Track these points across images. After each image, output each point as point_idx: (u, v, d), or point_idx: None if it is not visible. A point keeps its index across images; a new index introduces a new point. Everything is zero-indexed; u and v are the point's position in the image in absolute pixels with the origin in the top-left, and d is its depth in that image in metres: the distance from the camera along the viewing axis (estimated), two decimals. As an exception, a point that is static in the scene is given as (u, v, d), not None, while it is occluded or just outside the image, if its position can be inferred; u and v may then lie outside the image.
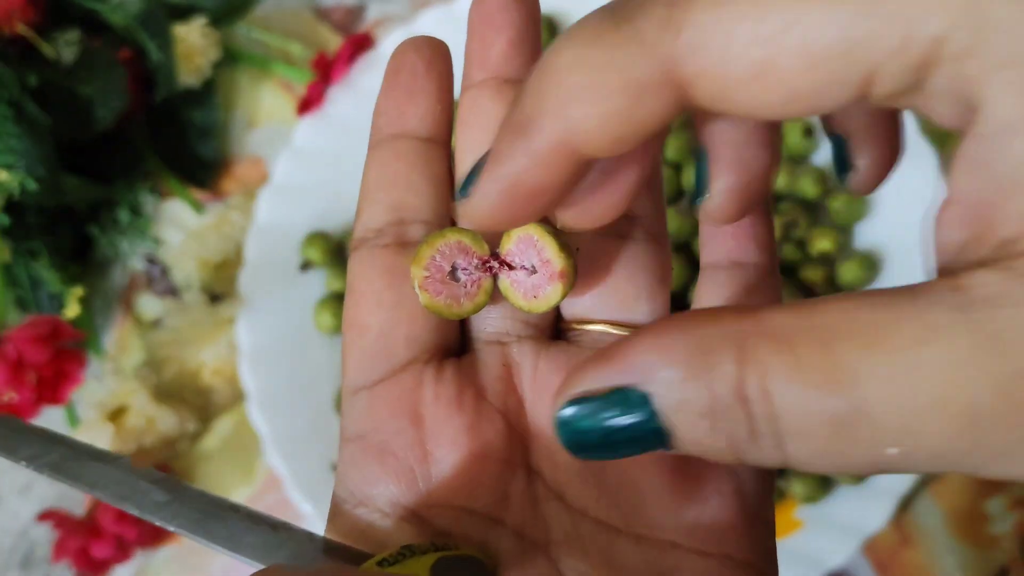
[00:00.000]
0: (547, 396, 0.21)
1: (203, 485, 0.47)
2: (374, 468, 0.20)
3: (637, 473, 0.20)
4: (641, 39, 0.15)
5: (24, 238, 0.49)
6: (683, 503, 0.20)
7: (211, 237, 0.48)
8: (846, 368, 0.14)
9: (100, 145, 0.53)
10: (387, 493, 0.20)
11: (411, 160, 0.23)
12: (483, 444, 0.20)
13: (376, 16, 0.57)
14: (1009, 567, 0.41)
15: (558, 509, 0.20)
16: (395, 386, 0.21)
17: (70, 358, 0.43)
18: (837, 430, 0.14)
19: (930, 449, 0.14)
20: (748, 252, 0.21)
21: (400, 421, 0.20)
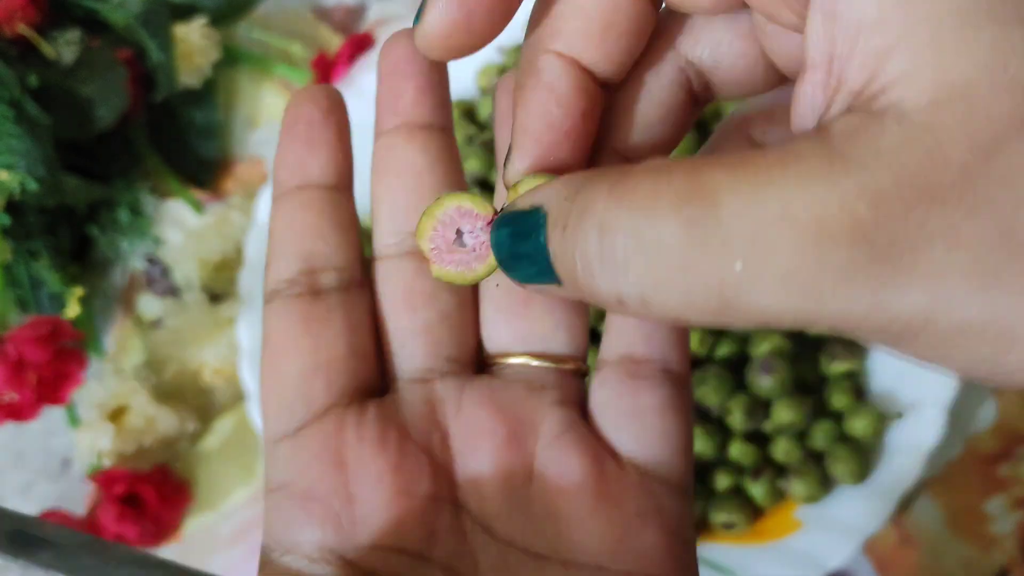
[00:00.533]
0: (472, 431, 0.21)
1: (203, 484, 0.47)
2: (298, 515, 0.21)
3: (562, 500, 0.20)
4: None
5: (24, 238, 0.49)
6: (607, 527, 0.20)
7: (211, 237, 0.48)
8: (706, 185, 0.14)
9: (100, 145, 0.53)
10: (313, 538, 0.20)
11: (317, 209, 0.23)
12: (408, 483, 0.21)
13: (377, 16, 0.58)
14: (1009, 567, 0.41)
15: (485, 541, 0.21)
16: (316, 432, 0.21)
17: (70, 358, 0.43)
18: (688, 241, 0.14)
19: (776, 267, 0.14)
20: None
21: (323, 466, 0.21)
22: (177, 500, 0.45)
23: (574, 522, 0.20)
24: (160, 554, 0.46)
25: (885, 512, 0.39)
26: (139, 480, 0.43)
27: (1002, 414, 0.44)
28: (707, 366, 0.41)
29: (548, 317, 0.22)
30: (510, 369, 0.22)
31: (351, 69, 0.50)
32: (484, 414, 0.21)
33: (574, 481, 0.20)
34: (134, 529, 0.43)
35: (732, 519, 0.40)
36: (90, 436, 0.44)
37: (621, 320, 0.22)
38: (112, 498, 0.42)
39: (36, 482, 0.49)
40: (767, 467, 0.41)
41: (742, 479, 0.41)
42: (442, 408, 0.22)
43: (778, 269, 0.14)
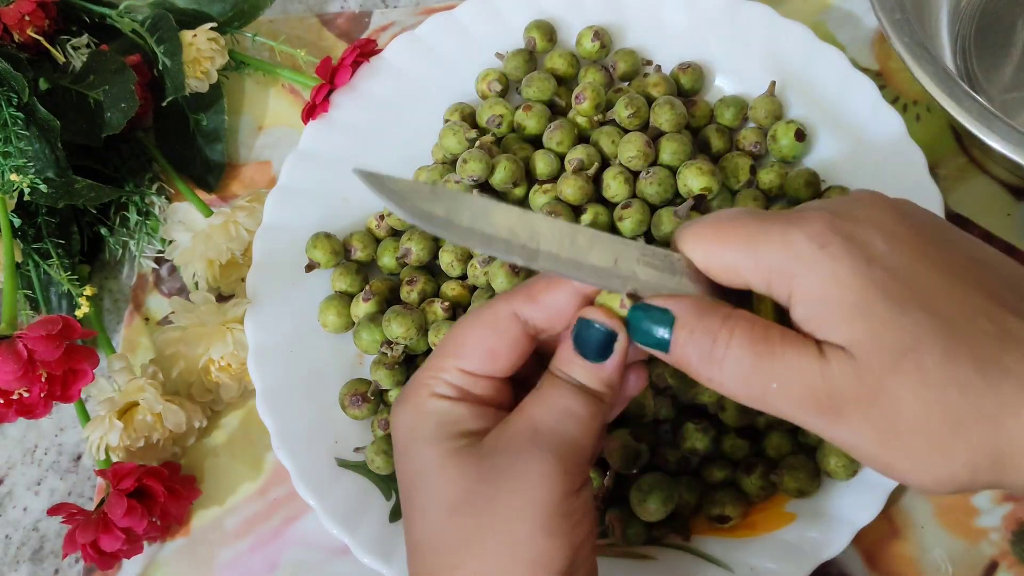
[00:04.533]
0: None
1: (210, 479, 0.48)
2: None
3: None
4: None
5: (35, 239, 0.50)
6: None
7: (219, 238, 0.48)
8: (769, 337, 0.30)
9: (109, 148, 0.54)
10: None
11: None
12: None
13: (380, 23, 0.58)
14: (998, 560, 0.42)
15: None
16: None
17: (80, 356, 0.43)
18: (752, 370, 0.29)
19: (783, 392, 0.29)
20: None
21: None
22: (185, 494, 0.45)
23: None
24: (169, 548, 0.47)
25: (875, 505, 0.40)
26: (148, 475, 0.44)
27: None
28: (702, 363, 0.42)
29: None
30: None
31: (355, 74, 0.51)
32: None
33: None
34: (142, 523, 0.43)
35: (726, 512, 0.41)
36: (99, 432, 0.44)
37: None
38: (121, 492, 0.43)
39: (46, 477, 0.50)
40: (760, 461, 0.42)
41: (735, 473, 0.42)
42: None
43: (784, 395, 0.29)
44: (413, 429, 0.32)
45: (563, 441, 0.30)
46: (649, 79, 0.49)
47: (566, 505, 0.30)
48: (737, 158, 0.47)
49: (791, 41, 0.49)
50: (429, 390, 0.32)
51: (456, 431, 0.31)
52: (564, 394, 0.31)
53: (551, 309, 0.32)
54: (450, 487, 0.30)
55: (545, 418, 0.31)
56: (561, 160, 0.47)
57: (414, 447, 0.32)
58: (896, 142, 0.45)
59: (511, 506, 0.30)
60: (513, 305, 0.32)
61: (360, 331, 0.45)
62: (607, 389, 0.31)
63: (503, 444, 0.31)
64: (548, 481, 0.30)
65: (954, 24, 0.51)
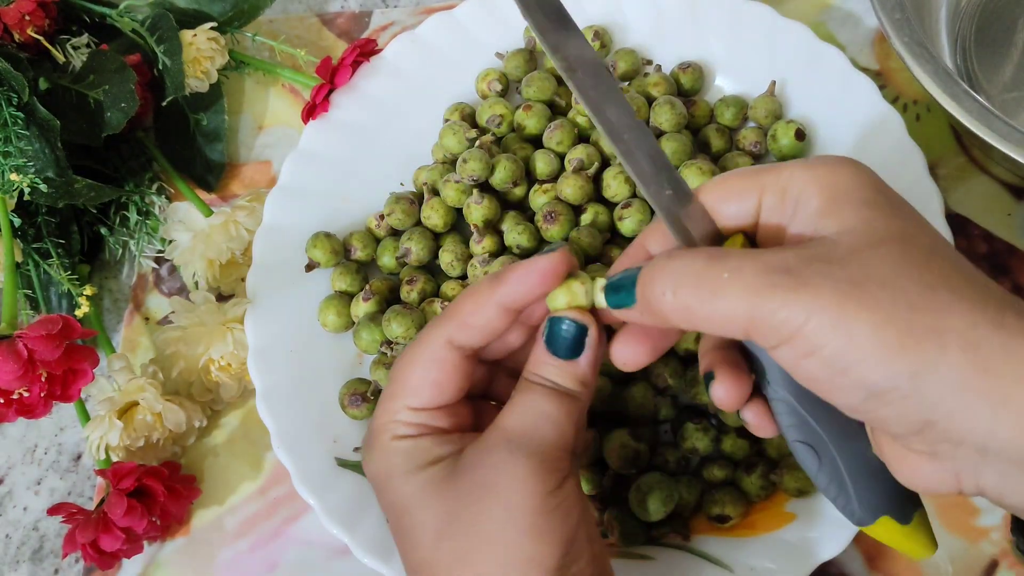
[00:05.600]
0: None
1: (210, 478, 0.48)
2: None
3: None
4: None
5: (35, 239, 0.50)
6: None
7: (219, 238, 0.48)
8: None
9: (109, 148, 0.54)
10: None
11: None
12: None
13: (380, 22, 0.58)
14: (999, 559, 0.42)
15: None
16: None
17: (80, 356, 0.43)
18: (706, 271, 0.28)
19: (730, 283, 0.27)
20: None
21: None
22: (185, 494, 0.45)
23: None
24: (168, 548, 0.47)
25: (875, 505, 0.40)
26: (148, 474, 0.44)
27: (989, 410, 0.44)
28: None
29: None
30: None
31: (355, 74, 0.51)
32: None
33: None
34: (142, 523, 0.43)
35: (726, 512, 0.41)
36: (100, 432, 0.44)
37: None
38: (121, 492, 0.43)
39: (47, 477, 0.50)
40: (760, 461, 0.42)
41: (735, 473, 0.42)
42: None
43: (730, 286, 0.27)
44: (386, 469, 0.33)
45: (536, 443, 0.31)
46: (649, 79, 0.49)
47: (547, 504, 0.30)
48: (737, 158, 0.47)
49: (791, 41, 0.49)
50: (389, 434, 0.33)
51: (426, 460, 0.32)
52: (536, 398, 0.32)
53: (482, 329, 0.32)
54: (432, 514, 0.31)
55: (517, 424, 0.32)
56: (561, 160, 0.47)
57: (390, 484, 0.33)
58: (896, 142, 0.45)
59: (493, 517, 0.30)
60: (445, 333, 0.33)
61: (360, 331, 0.45)
62: (582, 387, 0.32)
63: (479, 458, 0.32)
64: (524, 485, 0.30)
65: (954, 24, 0.51)
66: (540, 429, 0.31)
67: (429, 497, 0.32)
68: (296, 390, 0.45)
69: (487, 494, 0.31)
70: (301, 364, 0.46)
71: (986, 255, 0.47)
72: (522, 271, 0.32)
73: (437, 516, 0.31)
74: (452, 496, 0.31)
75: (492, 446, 0.31)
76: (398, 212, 0.47)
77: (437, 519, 0.31)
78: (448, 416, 0.33)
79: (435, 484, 0.32)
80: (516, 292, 0.32)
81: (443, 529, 0.31)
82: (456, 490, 0.31)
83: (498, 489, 0.31)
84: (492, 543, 0.30)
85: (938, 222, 0.43)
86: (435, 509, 0.31)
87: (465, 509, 0.31)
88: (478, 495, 0.31)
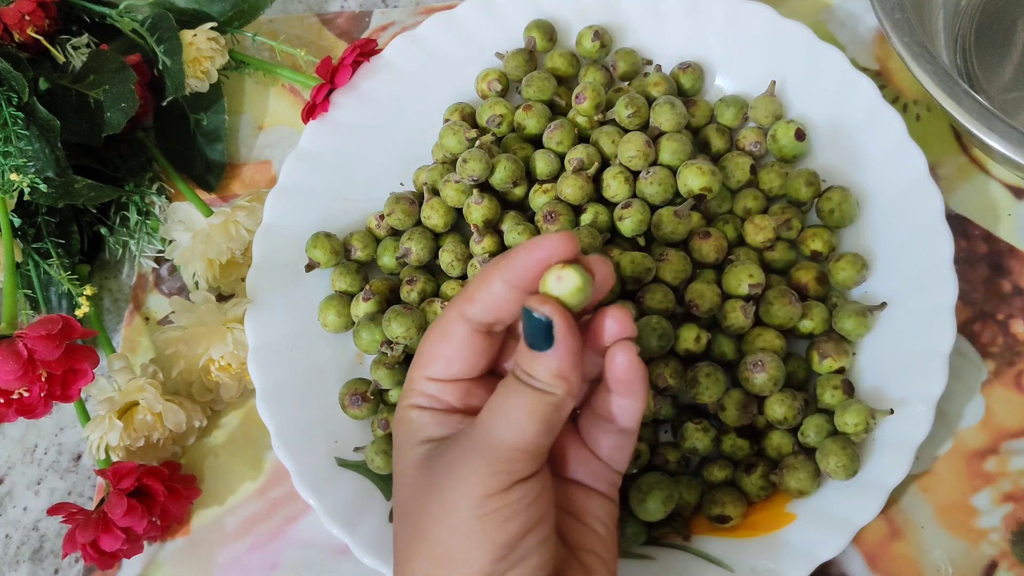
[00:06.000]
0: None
1: (210, 478, 0.48)
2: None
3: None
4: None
5: (35, 239, 0.50)
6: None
7: (219, 238, 0.48)
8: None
9: (110, 148, 0.54)
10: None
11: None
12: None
13: (380, 22, 0.58)
14: (998, 560, 0.42)
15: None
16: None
17: (80, 356, 0.43)
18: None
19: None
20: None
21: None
22: (185, 494, 0.45)
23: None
24: (168, 548, 0.47)
25: (875, 505, 0.40)
26: (148, 474, 0.44)
27: (989, 410, 0.44)
28: (701, 364, 0.42)
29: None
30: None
31: (355, 74, 0.51)
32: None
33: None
34: (142, 523, 0.43)
35: (726, 512, 0.41)
36: (100, 432, 0.44)
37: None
38: (121, 492, 0.43)
39: (46, 477, 0.50)
40: (760, 461, 0.42)
41: (735, 473, 0.42)
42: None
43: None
44: (395, 436, 0.35)
45: (488, 442, 0.31)
46: (649, 79, 0.49)
47: (484, 506, 0.30)
48: (737, 158, 0.47)
49: (791, 41, 0.49)
50: (406, 401, 0.34)
51: (419, 438, 0.33)
52: (505, 394, 0.31)
53: (489, 303, 0.32)
54: (404, 492, 0.33)
55: (480, 420, 0.32)
56: (561, 160, 0.47)
57: (394, 452, 0.35)
58: (896, 142, 0.45)
59: (431, 511, 0.31)
60: (457, 308, 0.33)
61: (360, 331, 0.45)
62: (558, 381, 0.31)
63: (447, 449, 0.32)
64: (462, 483, 0.30)
65: (954, 24, 0.51)
66: (496, 428, 0.31)
67: (408, 474, 0.33)
68: (296, 390, 0.45)
69: (434, 485, 0.31)
70: (301, 364, 0.46)
71: (986, 255, 0.47)
72: (525, 249, 0.32)
73: (406, 494, 0.32)
74: (418, 480, 0.32)
75: (457, 438, 0.32)
76: (398, 212, 0.47)
77: (405, 498, 0.33)
78: (464, 393, 0.34)
79: (417, 462, 0.33)
80: (517, 269, 0.32)
81: (403, 511, 0.32)
82: (422, 476, 0.32)
83: (442, 483, 0.31)
84: (427, 538, 0.31)
85: (938, 222, 0.43)
86: (407, 487, 0.33)
87: (421, 496, 0.32)
88: (431, 485, 0.31)
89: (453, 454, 0.31)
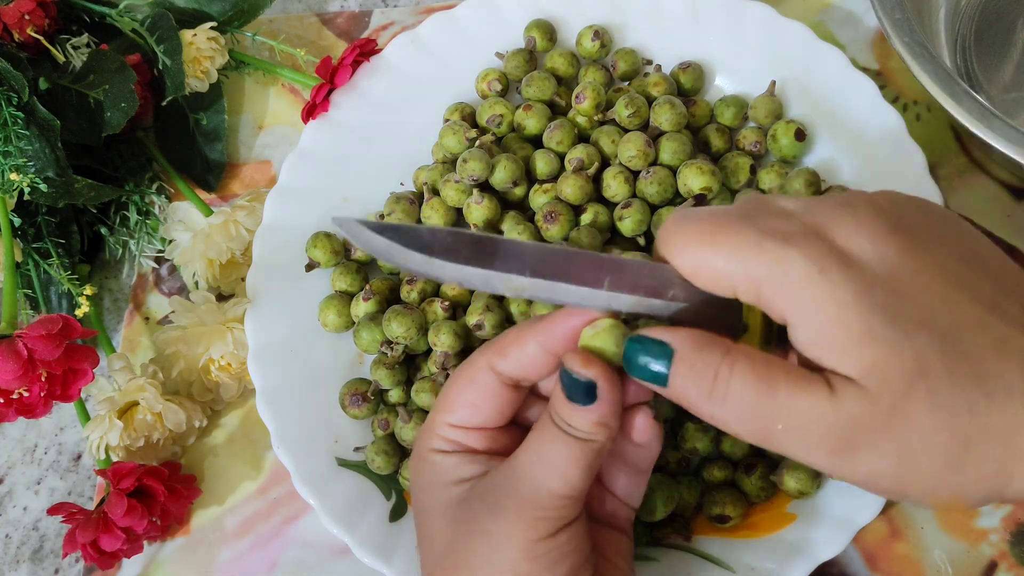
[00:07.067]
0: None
1: (210, 478, 0.48)
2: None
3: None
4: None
5: (35, 239, 0.50)
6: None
7: (219, 237, 0.48)
8: (776, 381, 0.28)
9: (110, 148, 0.54)
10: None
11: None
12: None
13: (380, 22, 0.59)
14: (998, 561, 0.42)
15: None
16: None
17: (80, 356, 0.43)
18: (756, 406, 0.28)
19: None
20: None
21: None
22: (185, 494, 0.45)
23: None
24: (168, 548, 0.47)
25: (875, 505, 0.40)
26: (148, 474, 0.44)
27: (989, 410, 0.44)
28: (702, 363, 0.42)
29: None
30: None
31: (355, 74, 0.51)
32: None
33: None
34: (142, 522, 0.43)
35: (726, 513, 0.41)
36: (99, 432, 0.44)
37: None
38: (121, 492, 0.43)
39: (46, 477, 0.50)
40: (760, 462, 0.42)
41: (736, 473, 0.42)
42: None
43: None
44: (417, 476, 0.34)
45: (533, 489, 0.31)
46: (649, 79, 0.49)
47: (532, 551, 0.30)
48: (737, 158, 0.47)
49: (791, 41, 0.49)
50: (427, 446, 0.34)
51: (451, 478, 0.33)
52: (545, 441, 0.31)
53: (521, 362, 0.32)
54: (440, 535, 0.32)
55: (522, 467, 0.31)
56: (561, 160, 0.47)
57: (416, 492, 0.34)
58: (896, 142, 0.45)
59: (479, 554, 0.31)
60: (487, 359, 0.33)
61: (360, 331, 0.45)
62: (598, 429, 0.31)
63: (486, 492, 0.32)
64: (511, 528, 0.30)
65: (954, 23, 0.51)
66: (541, 476, 0.31)
67: (442, 517, 0.32)
68: (296, 390, 0.45)
69: (481, 531, 0.31)
70: (301, 364, 0.46)
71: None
72: (564, 316, 0.31)
73: (443, 538, 0.32)
74: (457, 522, 0.32)
75: (497, 482, 0.31)
76: (398, 212, 0.47)
77: (443, 541, 0.32)
78: (487, 439, 0.33)
79: (451, 505, 0.32)
80: (554, 337, 0.32)
81: (444, 553, 0.32)
82: (462, 517, 0.32)
83: (489, 527, 0.31)
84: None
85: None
86: (443, 531, 0.32)
87: (463, 539, 0.31)
88: (475, 530, 0.31)
89: (495, 498, 0.31)
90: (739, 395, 0.28)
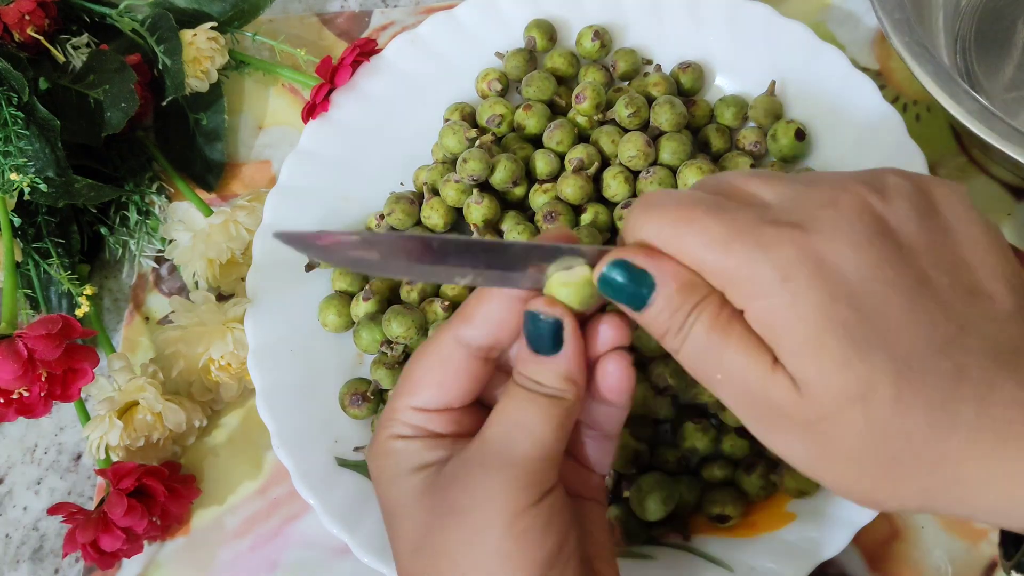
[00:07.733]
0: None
1: (210, 478, 0.48)
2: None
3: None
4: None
5: (35, 239, 0.50)
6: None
7: (219, 237, 0.48)
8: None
9: (110, 148, 0.54)
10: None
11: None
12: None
13: (380, 22, 0.59)
14: (997, 561, 0.42)
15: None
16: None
17: (80, 355, 0.43)
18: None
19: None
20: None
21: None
22: (185, 494, 0.45)
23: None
24: (168, 548, 0.47)
25: (875, 505, 0.40)
26: (148, 474, 0.44)
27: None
28: (702, 363, 0.42)
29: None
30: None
31: (355, 74, 0.51)
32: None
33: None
34: (142, 522, 0.43)
35: (726, 512, 0.41)
36: (99, 432, 0.44)
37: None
38: (121, 492, 0.43)
39: (46, 477, 0.50)
40: (760, 461, 0.42)
41: (735, 473, 0.42)
42: None
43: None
44: (379, 470, 0.32)
45: (509, 457, 0.30)
46: (649, 79, 0.49)
47: (518, 524, 0.29)
48: (737, 158, 0.47)
49: (791, 41, 0.49)
50: (388, 432, 0.32)
51: (414, 465, 0.31)
52: (517, 406, 0.30)
53: (489, 323, 0.31)
54: (411, 524, 0.31)
55: (494, 436, 0.30)
56: (561, 160, 0.47)
57: (380, 488, 0.32)
58: (896, 142, 0.45)
59: (460, 537, 0.29)
60: (452, 331, 0.31)
61: (360, 331, 0.45)
62: (567, 384, 0.30)
63: (457, 471, 0.30)
64: (493, 504, 0.29)
65: (954, 23, 0.51)
66: (515, 441, 0.30)
67: (410, 506, 0.31)
68: (296, 390, 0.45)
69: (460, 512, 0.30)
70: (301, 364, 0.46)
71: (986, 255, 0.47)
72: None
73: (415, 527, 0.31)
74: (429, 508, 0.30)
75: (468, 459, 0.30)
76: (398, 212, 0.48)
77: (415, 530, 0.31)
78: (451, 421, 0.32)
79: (418, 492, 0.31)
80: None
81: (418, 542, 0.30)
82: (433, 504, 0.30)
83: (464, 504, 0.30)
84: (457, 567, 0.29)
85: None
86: (414, 519, 0.31)
87: (438, 524, 0.30)
88: (452, 512, 0.30)
89: (469, 476, 0.30)
90: (695, 337, 0.28)
